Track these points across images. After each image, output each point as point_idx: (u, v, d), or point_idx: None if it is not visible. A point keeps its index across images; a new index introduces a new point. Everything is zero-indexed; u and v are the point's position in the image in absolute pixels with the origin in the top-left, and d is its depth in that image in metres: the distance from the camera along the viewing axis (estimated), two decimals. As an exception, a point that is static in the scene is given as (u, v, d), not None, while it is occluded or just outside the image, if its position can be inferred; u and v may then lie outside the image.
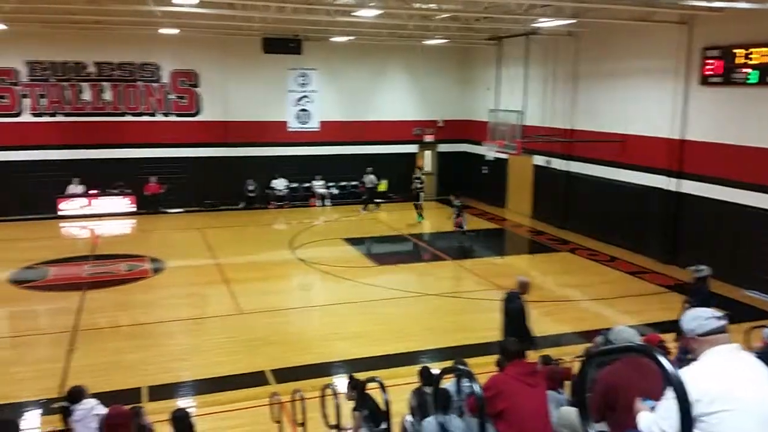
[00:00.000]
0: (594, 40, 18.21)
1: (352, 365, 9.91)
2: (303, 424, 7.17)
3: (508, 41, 20.65)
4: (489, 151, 19.98)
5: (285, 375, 9.67)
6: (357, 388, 6.64)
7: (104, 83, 21.53)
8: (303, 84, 23.65)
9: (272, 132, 23.31)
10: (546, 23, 16.65)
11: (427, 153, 25.82)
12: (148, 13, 15.78)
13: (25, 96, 20.79)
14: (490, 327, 9.93)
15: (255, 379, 9.61)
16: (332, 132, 23.95)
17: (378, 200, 23.22)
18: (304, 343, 11.15)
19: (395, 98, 24.82)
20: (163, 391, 9.14)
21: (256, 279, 14.90)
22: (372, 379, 6.11)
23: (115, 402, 6.32)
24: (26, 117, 20.92)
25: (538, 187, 21.40)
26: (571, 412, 4.69)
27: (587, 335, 10.38)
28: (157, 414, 6.98)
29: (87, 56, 21.16)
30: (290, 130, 23.72)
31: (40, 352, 10.81)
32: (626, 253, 16.90)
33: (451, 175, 25.22)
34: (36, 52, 20.59)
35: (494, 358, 5.84)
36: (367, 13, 15.17)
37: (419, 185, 21.85)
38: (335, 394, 6.85)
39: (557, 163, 20.05)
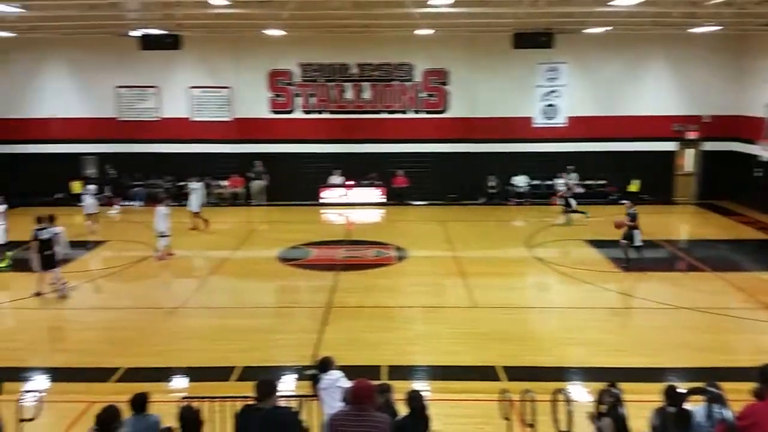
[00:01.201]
0: None
1: (587, 373, 9.46)
2: (532, 425, 7.03)
3: (797, 24, 17.84)
4: (764, 151, 17.50)
5: (516, 373, 9.58)
6: (614, 398, 6.22)
7: (364, 83, 23.32)
8: (552, 78, 23.06)
9: (516, 128, 23.13)
10: None
11: (689, 152, 23.43)
12: (408, 15, 16.67)
13: (297, 95, 23.42)
14: (753, 350, 8.75)
15: (485, 373, 9.67)
16: (580, 128, 22.99)
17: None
18: (537, 343, 10.92)
19: (652, 91, 22.94)
20: (399, 372, 9.64)
21: (491, 274, 14.97)
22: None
23: (358, 376, 6.84)
24: (298, 114, 23.56)
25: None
26: None
27: None
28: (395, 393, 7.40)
29: (350, 58, 23.10)
30: (535, 126, 23.32)
31: (298, 322, 12.12)
32: None
33: (716, 176, 22.61)
34: (308, 55, 23.05)
35: (753, 385, 5.13)
36: (627, 2, 14.24)
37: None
38: (567, 400, 6.60)
39: None
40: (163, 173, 23.44)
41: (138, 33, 19.64)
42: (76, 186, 23.10)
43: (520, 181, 23.30)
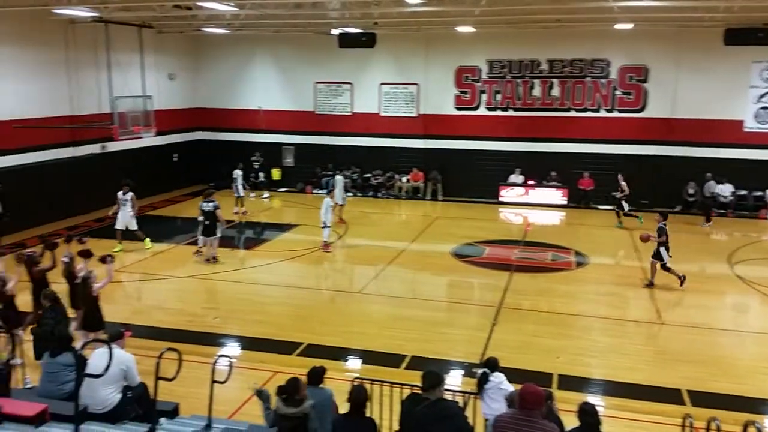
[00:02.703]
0: None
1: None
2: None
3: None
4: None
5: (702, 399, 8.76)
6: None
7: (554, 80, 22.61)
8: (769, 78, 20.65)
9: (723, 131, 21.04)
10: None
11: None
12: (607, 8, 15.89)
13: (483, 92, 23.34)
14: None
15: (667, 395, 8.95)
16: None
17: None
18: (729, 369, 9.89)
19: None
20: (571, 382, 9.27)
21: (683, 289, 13.78)
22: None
23: (525, 380, 6.69)
24: (482, 111, 23.49)
25: None
26: None
27: None
28: (562, 403, 7.14)
29: (541, 54, 22.52)
30: (746, 130, 21.02)
31: (468, 319, 12.14)
32: None
33: None
34: (496, 52, 22.85)
35: None
36: None
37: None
38: (762, 436, 5.91)
39: None
40: (351, 165, 24.66)
41: (337, 31, 20.85)
42: (275, 173, 25.33)
43: (725, 190, 21.10)
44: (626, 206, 19.57)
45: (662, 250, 13.61)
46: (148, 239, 16.45)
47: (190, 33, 23.72)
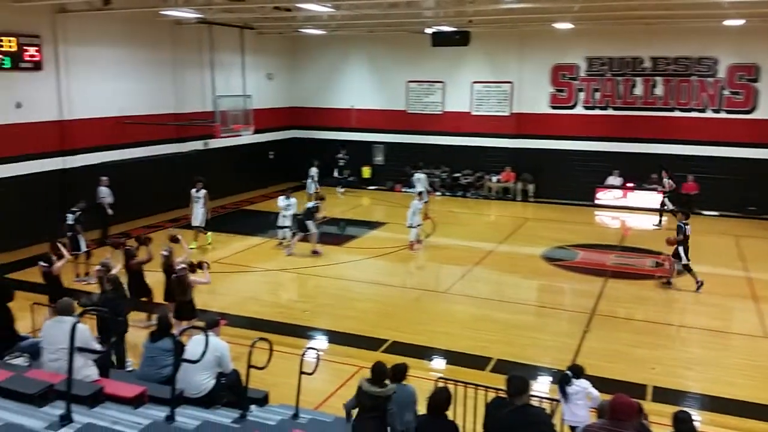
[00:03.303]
0: None
1: None
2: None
3: None
4: None
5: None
6: None
7: (657, 78, 21.60)
8: None
9: None
10: None
11: None
12: (715, 4, 15.05)
13: (580, 90, 22.63)
14: None
15: (773, 415, 8.38)
16: None
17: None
18: None
19: None
20: (666, 395, 8.84)
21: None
22: None
23: (618, 391, 6.44)
24: (579, 110, 22.77)
25: None
26: None
27: None
28: (656, 416, 6.82)
29: (644, 51, 21.57)
30: None
31: (558, 325, 11.82)
32: None
33: None
34: (596, 48, 22.09)
35: None
36: None
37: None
38: None
39: None
40: (440, 164, 24.57)
41: (431, 30, 20.82)
42: (365, 171, 25.68)
43: None
44: (669, 204, 18.94)
45: (680, 249, 13.43)
46: (209, 234, 16.78)
47: (288, 34, 24.41)
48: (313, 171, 21.75)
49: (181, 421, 5.62)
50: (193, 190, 16.21)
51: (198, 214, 16.20)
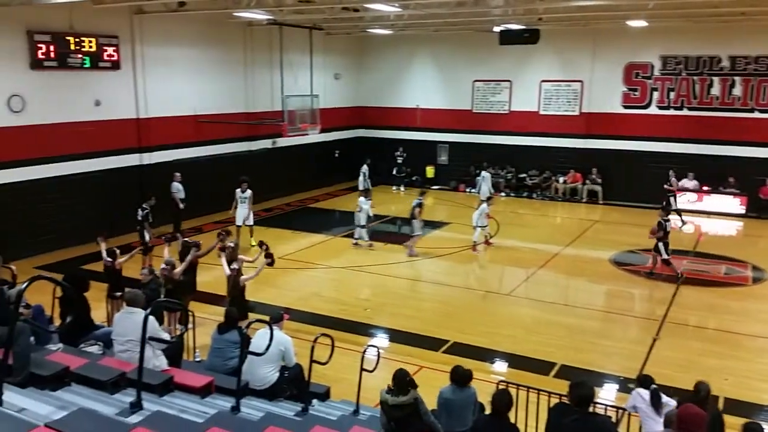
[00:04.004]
0: None
1: None
2: None
3: None
4: None
5: None
6: None
7: (736, 78, 20.65)
8: None
9: None
10: None
11: None
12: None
13: (654, 89, 21.87)
14: None
15: None
16: None
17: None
18: None
19: None
20: (739, 408, 8.44)
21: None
22: None
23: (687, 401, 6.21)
24: (652, 109, 22.01)
25: None
26: None
27: None
28: (729, 429, 6.54)
29: (721, 50, 20.65)
30: None
31: (626, 331, 11.49)
32: None
33: None
34: (671, 47, 21.30)
35: None
36: None
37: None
38: None
39: None
40: (505, 164, 24.25)
41: (499, 28, 20.57)
42: (429, 170, 25.63)
43: None
44: (674, 203, 18.71)
45: (660, 245, 13.85)
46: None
47: (356, 34, 24.62)
48: (365, 168, 21.83)
49: (245, 412, 5.78)
50: (238, 191, 16.10)
51: (244, 214, 16.05)
